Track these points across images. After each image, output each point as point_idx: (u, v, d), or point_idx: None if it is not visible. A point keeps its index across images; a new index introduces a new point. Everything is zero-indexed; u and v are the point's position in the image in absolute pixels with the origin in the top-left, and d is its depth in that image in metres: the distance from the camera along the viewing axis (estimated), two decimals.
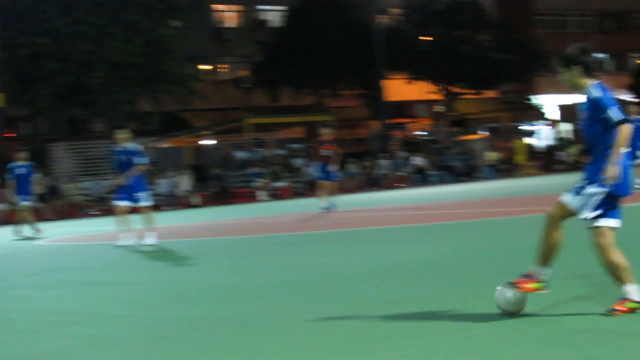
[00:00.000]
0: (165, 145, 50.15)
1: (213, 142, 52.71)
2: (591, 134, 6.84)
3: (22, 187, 23.74)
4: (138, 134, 51.13)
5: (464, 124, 68.51)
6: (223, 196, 42.88)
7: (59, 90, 43.30)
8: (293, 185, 45.83)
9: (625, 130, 6.58)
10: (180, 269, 13.22)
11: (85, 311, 9.42)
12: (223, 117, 56.48)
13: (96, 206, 39.50)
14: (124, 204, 17.38)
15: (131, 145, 17.45)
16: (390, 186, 47.04)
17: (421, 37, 60.12)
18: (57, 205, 37.54)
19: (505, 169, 52.10)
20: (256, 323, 7.64)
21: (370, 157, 49.67)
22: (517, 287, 6.89)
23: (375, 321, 7.11)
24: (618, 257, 6.72)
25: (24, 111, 47.09)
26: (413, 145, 54.93)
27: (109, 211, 38.67)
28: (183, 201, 41.19)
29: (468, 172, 50.10)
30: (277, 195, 43.38)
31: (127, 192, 17.24)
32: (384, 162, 48.16)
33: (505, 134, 65.15)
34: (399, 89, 61.72)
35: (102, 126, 49.60)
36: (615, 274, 6.74)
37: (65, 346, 7.31)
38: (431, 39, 59.65)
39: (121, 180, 17.23)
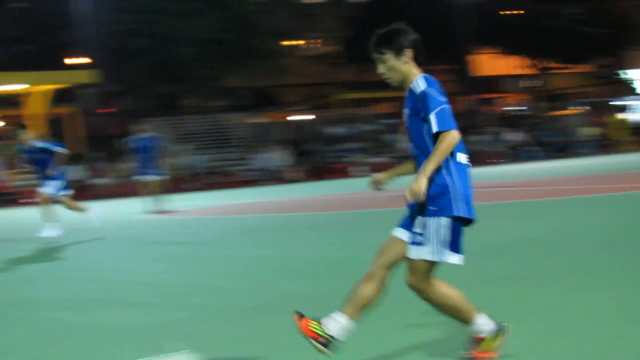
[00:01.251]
0: (259, 120, 50.40)
1: (306, 117, 52.90)
2: (416, 134, 5.33)
3: (145, 160, 22.43)
4: (230, 109, 51.76)
5: (558, 98, 67.61)
6: (319, 171, 43.00)
7: (148, 67, 43.76)
8: (389, 160, 45.77)
9: (451, 138, 5.23)
10: (281, 244, 13.26)
11: (194, 284, 9.51)
12: (312, 92, 56.58)
13: (193, 181, 39.95)
14: (49, 192, 16.90)
15: (39, 143, 16.87)
16: (482, 162, 46.69)
17: (508, 12, 59.54)
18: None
19: (603, 144, 51.28)
20: None
21: (461, 132, 49.20)
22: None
23: (494, 297, 7.03)
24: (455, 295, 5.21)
25: (119, 87, 47.61)
26: (507, 121, 54.38)
27: (209, 185, 39.17)
28: (278, 176, 41.38)
29: (563, 148, 49.44)
30: (374, 170, 43.33)
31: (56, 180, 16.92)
32: (475, 138, 47.71)
33: (599, 110, 64.09)
34: (489, 63, 61.17)
35: (192, 102, 50.04)
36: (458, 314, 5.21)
37: (182, 318, 7.37)
38: (519, 12, 58.98)
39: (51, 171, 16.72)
